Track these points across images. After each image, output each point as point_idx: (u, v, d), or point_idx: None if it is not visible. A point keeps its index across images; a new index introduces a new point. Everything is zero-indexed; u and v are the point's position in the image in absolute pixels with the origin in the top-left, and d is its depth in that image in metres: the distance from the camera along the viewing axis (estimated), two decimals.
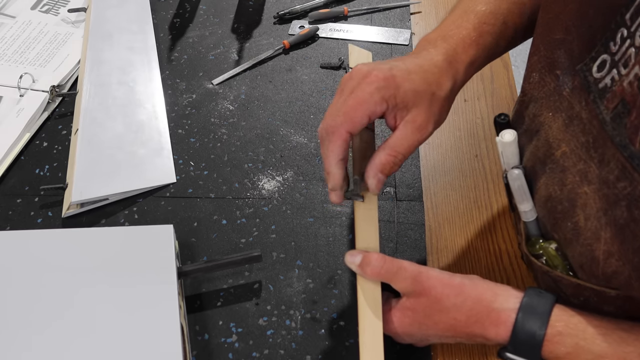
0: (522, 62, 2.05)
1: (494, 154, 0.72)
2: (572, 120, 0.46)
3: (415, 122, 0.49)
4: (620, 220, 0.41)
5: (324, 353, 0.56)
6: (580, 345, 0.44)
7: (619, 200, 0.41)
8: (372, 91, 0.47)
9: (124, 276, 0.56)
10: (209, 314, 0.59)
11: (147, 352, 0.51)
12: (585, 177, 0.45)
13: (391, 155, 0.49)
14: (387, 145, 0.49)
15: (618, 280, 0.43)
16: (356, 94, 0.48)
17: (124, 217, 0.67)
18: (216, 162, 0.73)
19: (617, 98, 0.40)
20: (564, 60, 0.47)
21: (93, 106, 0.77)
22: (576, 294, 0.48)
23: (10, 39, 0.88)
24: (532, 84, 0.52)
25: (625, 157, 0.39)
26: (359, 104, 0.47)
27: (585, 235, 0.45)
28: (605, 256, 0.43)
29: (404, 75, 0.48)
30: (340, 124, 0.47)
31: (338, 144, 0.48)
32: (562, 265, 0.50)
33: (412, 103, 0.49)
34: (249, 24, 0.91)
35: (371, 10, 0.92)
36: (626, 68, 0.39)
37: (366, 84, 0.48)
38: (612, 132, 0.41)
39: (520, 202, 0.53)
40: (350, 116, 0.47)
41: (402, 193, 0.68)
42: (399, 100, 0.48)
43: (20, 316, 0.53)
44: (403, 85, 0.48)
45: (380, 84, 0.47)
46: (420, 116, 0.49)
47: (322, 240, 0.64)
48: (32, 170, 0.72)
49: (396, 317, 0.50)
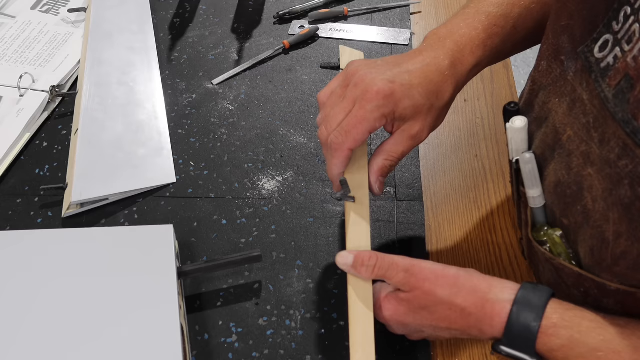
0: (522, 62, 2.05)
1: (494, 154, 0.72)
2: (575, 103, 0.47)
3: (410, 132, 0.52)
4: (625, 199, 0.41)
5: (324, 353, 0.56)
6: (575, 338, 0.44)
7: (622, 179, 0.41)
8: (373, 110, 0.50)
9: (124, 276, 0.56)
10: (209, 314, 0.59)
11: (147, 352, 0.51)
12: (588, 159, 0.45)
13: (387, 160, 0.53)
14: (383, 150, 0.53)
15: (626, 261, 0.42)
16: (357, 111, 0.51)
17: (124, 217, 0.67)
18: (216, 162, 0.73)
19: (620, 74, 0.40)
20: (567, 45, 0.48)
21: (93, 106, 0.77)
22: (577, 284, 0.48)
23: (10, 39, 0.88)
24: (541, 72, 0.52)
25: (627, 134, 0.39)
26: (360, 123, 0.51)
27: (594, 217, 0.45)
28: (615, 237, 0.43)
29: (404, 91, 0.51)
30: (343, 142, 0.51)
31: (341, 160, 0.53)
32: (566, 254, 0.50)
33: (409, 117, 0.52)
34: (249, 24, 0.91)
35: (371, 10, 0.92)
36: (630, 44, 0.40)
37: (367, 101, 0.50)
38: (614, 109, 0.41)
39: (530, 187, 0.53)
40: (353, 135, 0.51)
41: (402, 193, 0.68)
42: (397, 115, 0.52)
43: (20, 316, 0.53)
44: (402, 102, 0.51)
45: (380, 102, 0.50)
46: (415, 127, 0.52)
47: (322, 240, 0.64)
48: (32, 170, 0.72)
49: (391, 304, 0.50)
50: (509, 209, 0.67)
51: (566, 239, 0.50)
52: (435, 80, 0.52)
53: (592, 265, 0.46)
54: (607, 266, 0.44)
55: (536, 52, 0.54)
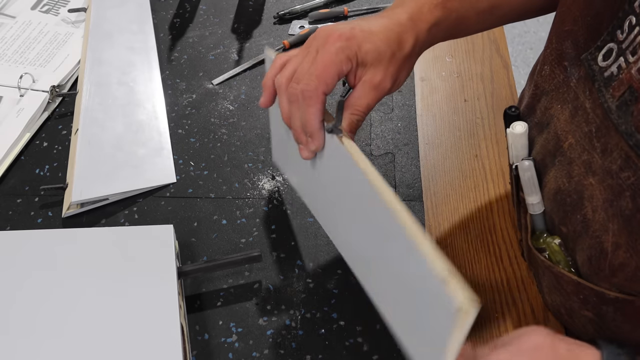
0: (522, 62, 2.04)
1: (494, 154, 0.72)
2: (577, 111, 0.46)
3: (372, 81, 0.50)
4: (626, 211, 0.41)
5: (324, 353, 0.56)
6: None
7: (623, 190, 0.41)
8: (337, 51, 0.49)
9: (124, 276, 0.56)
10: (209, 314, 0.59)
11: (147, 352, 0.51)
12: (589, 168, 0.44)
13: (354, 114, 0.51)
14: (348, 104, 0.51)
15: (624, 273, 0.42)
16: (322, 55, 0.49)
17: (124, 217, 0.67)
18: (216, 162, 0.73)
19: (624, 86, 0.40)
20: (570, 50, 0.47)
21: (93, 106, 0.77)
22: (576, 292, 0.48)
23: (10, 39, 0.88)
24: (544, 77, 0.52)
25: (630, 146, 0.39)
26: (327, 66, 0.49)
27: (593, 227, 0.45)
28: (613, 248, 0.43)
29: (365, 35, 0.50)
30: (316, 87, 0.49)
31: (318, 107, 0.50)
32: (565, 262, 0.49)
33: (370, 62, 0.50)
34: (249, 24, 0.91)
35: (371, 10, 0.92)
36: (634, 55, 0.39)
37: (330, 44, 0.49)
38: (617, 121, 0.40)
39: (529, 194, 0.53)
40: (324, 78, 0.49)
41: (402, 193, 0.68)
42: (360, 59, 0.50)
43: (20, 316, 0.53)
44: (364, 45, 0.49)
45: (343, 43, 0.49)
46: (377, 75, 0.50)
47: (322, 240, 0.64)
48: (32, 170, 0.72)
49: None
50: (509, 209, 0.67)
51: (564, 246, 0.50)
52: (395, 29, 0.51)
53: (589, 274, 0.46)
54: (605, 276, 0.44)
55: (537, 53, 0.54)
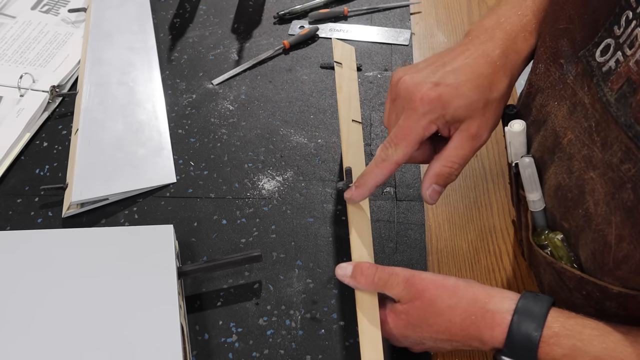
0: None
1: (494, 154, 0.72)
2: (575, 107, 0.46)
3: (469, 131, 0.49)
4: (628, 203, 0.41)
5: (324, 353, 0.56)
6: (577, 347, 0.43)
7: (624, 182, 0.41)
8: (419, 118, 0.48)
9: (124, 276, 0.56)
10: (209, 314, 0.59)
11: (147, 352, 0.51)
12: (590, 162, 0.45)
13: (446, 167, 0.50)
14: (442, 156, 0.50)
15: (628, 265, 0.42)
16: (404, 123, 0.49)
17: (124, 217, 0.67)
18: (216, 162, 0.73)
19: (622, 78, 0.40)
20: (566, 48, 0.47)
21: (93, 106, 0.77)
22: (579, 288, 0.48)
23: (10, 39, 0.88)
24: (538, 75, 0.52)
25: (630, 138, 0.39)
26: (407, 134, 0.48)
27: (596, 221, 0.45)
28: (617, 240, 0.43)
29: (451, 91, 0.48)
30: (392, 155, 0.50)
31: (384, 173, 0.51)
32: (567, 257, 0.49)
33: (463, 116, 0.48)
34: (249, 24, 0.91)
35: (371, 10, 0.92)
36: (632, 48, 0.40)
37: (412, 110, 0.48)
38: (617, 113, 0.41)
39: (529, 192, 0.53)
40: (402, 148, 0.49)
41: (402, 193, 0.68)
42: (449, 118, 0.48)
43: (20, 316, 0.53)
44: (452, 103, 0.48)
45: (426, 108, 0.48)
46: (473, 126, 0.49)
47: (322, 240, 0.64)
48: (32, 170, 0.72)
49: (391, 318, 0.50)
50: (509, 209, 0.67)
51: (567, 242, 0.50)
52: (485, 73, 0.49)
53: (593, 269, 0.46)
54: (609, 270, 0.44)
55: None
